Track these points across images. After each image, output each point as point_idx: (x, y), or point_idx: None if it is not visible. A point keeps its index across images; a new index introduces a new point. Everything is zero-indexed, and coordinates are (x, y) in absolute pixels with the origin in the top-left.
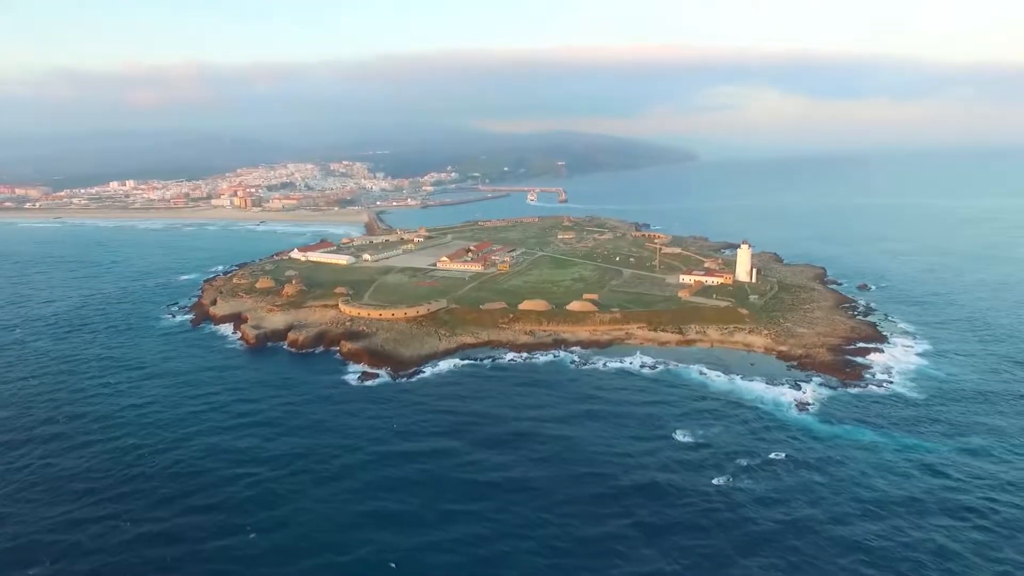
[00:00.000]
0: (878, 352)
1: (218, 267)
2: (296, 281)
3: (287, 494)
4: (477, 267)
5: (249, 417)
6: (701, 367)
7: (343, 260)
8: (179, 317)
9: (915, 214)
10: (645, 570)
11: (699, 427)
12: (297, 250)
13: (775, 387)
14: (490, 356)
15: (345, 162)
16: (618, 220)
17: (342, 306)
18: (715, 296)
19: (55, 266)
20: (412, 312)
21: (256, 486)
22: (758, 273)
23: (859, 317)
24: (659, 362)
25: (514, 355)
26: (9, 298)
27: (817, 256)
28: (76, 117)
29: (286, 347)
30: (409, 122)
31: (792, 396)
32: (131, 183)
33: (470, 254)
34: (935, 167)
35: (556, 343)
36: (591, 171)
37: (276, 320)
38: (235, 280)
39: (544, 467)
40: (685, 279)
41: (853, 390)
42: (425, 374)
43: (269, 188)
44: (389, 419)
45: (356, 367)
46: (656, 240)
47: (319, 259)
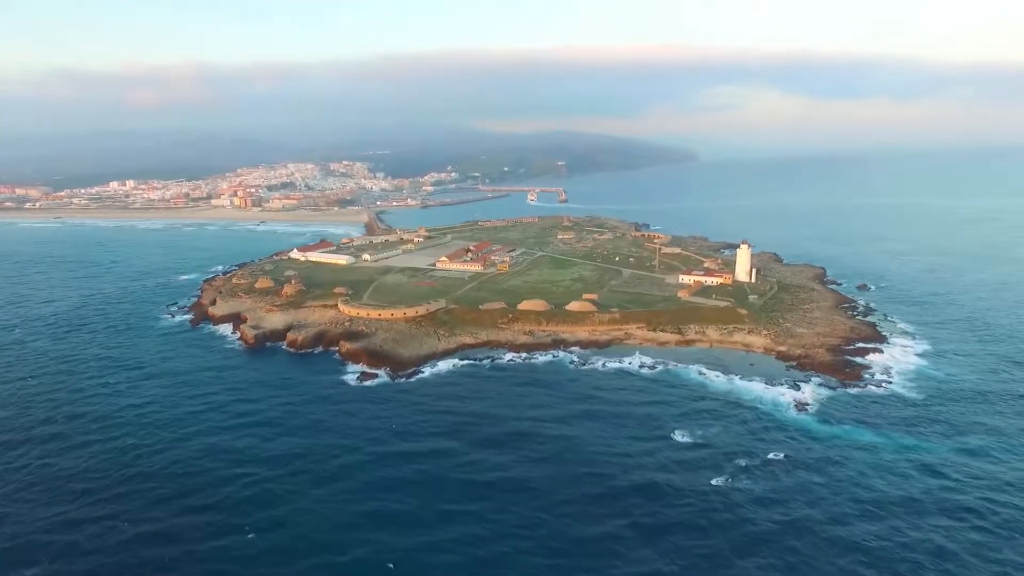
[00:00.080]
0: (877, 352)
1: (218, 267)
2: (295, 281)
3: (285, 494)
4: (476, 267)
5: (248, 417)
6: (700, 367)
7: (342, 260)
8: (178, 317)
9: (915, 214)
10: (643, 571)
11: (698, 427)
12: (297, 250)
13: (774, 387)
14: (489, 356)
15: (345, 162)
16: (618, 220)
17: (341, 306)
18: (714, 296)
19: (55, 266)
20: (411, 312)
21: (254, 486)
22: (757, 273)
23: (858, 317)
24: (658, 362)
25: (513, 355)
26: (9, 298)
27: (817, 256)
28: (76, 117)
29: (285, 347)
30: (409, 122)
31: (791, 396)
32: (131, 183)
33: (469, 254)
34: (935, 167)
35: (555, 343)
36: (591, 171)
37: (275, 320)
38: (234, 280)
39: (543, 467)
40: (684, 279)
41: (852, 390)
42: (424, 374)
43: (269, 188)
44: (388, 419)
45: (355, 367)
46: (656, 240)
47: (318, 259)
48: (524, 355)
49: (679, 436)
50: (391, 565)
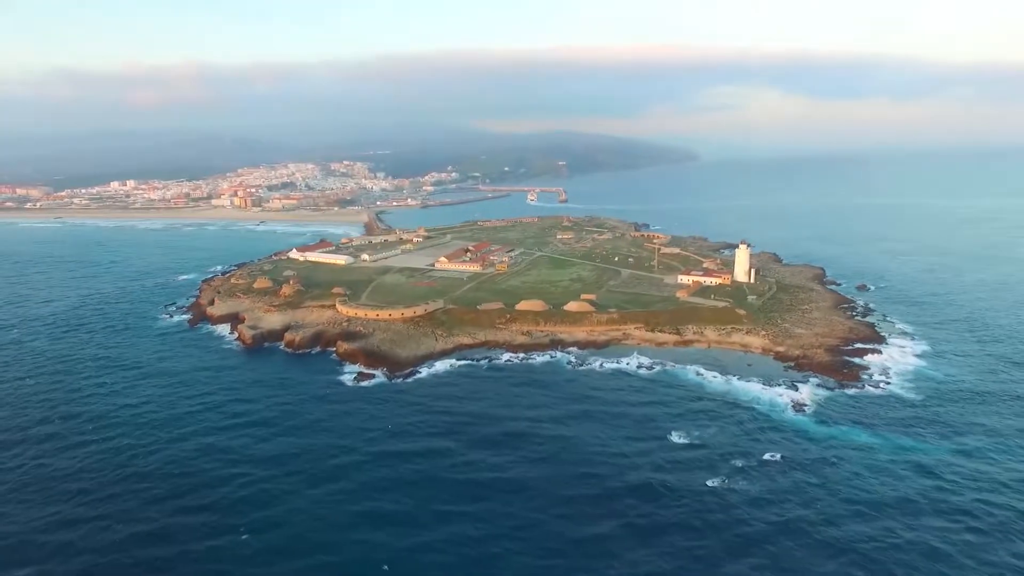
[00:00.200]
0: (876, 353)
1: (217, 267)
2: (294, 281)
3: (281, 494)
4: (475, 267)
5: (244, 417)
6: (698, 368)
7: (341, 260)
8: (176, 317)
9: (915, 214)
10: (637, 571)
11: (695, 428)
12: (296, 250)
13: (772, 388)
14: (487, 357)
15: (346, 162)
16: (617, 220)
17: (339, 306)
18: (713, 296)
19: (54, 266)
20: (409, 312)
21: (250, 486)
22: (757, 273)
23: (857, 318)
24: (656, 363)
25: (511, 355)
26: (8, 298)
27: (816, 256)
28: (76, 117)
29: (283, 347)
30: (409, 122)
31: (788, 397)
32: (132, 183)
33: (468, 254)
34: (935, 167)
35: (553, 343)
36: (591, 171)
37: (273, 320)
38: (233, 280)
39: (539, 467)
40: (683, 279)
41: (850, 391)
42: (421, 374)
43: (270, 188)
44: (384, 420)
45: (352, 367)
46: (655, 240)
47: (317, 259)
48: (522, 355)
49: (676, 437)
50: (386, 567)
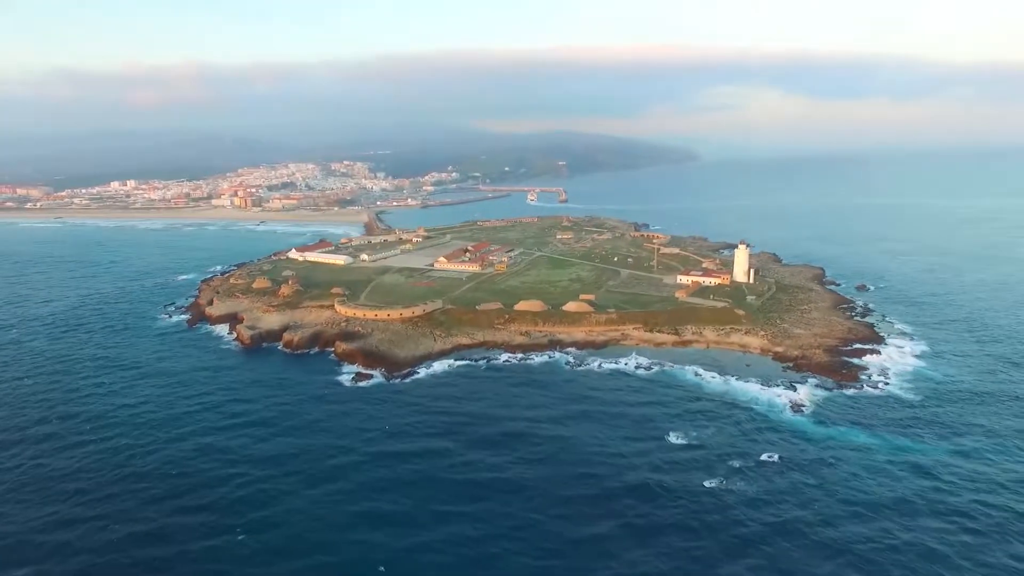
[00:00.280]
0: (875, 353)
1: (216, 267)
2: (293, 281)
3: (279, 495)
4: (474, 267)
5: (242, 417)
6: (696, 368)
7: (341, 260)
8: (175, 317)
9: (915, 214)
10: (635, 572)
11: (693, 428)
12: (295, 250)
13: (770, 388)
14: (485, 357)
15: (346, 162)
16: (617, 220)
17: (338, 306)
18: (712, 297)
19: (54, 266)
20: (408, 313)
21: (248, 486)
22: (756, 273)
23: (856, 318)
24: (654, 363)
25: (509, 356)
26: (7, 298)
27: (816, 256)
28: (76, 117)
29: (281, 347)
30: (409, 122)
31: (787, 397)
32: (132, 183)
33: (468, 254)
34: (935, 167)
35: (551, 344)
36: (591, 171)
37: (272, 320)
38: (232, 280)
39: (537, 468)
40: (682, 279)
41: (848, 391)
42: (419, 375)
43: (270, 188)
44: (382, 420)
45: (351, 368)
46: (654, 240)
47: (317, 259)
48: (520, 356)
49: (674, 437)
50: (382, 568)
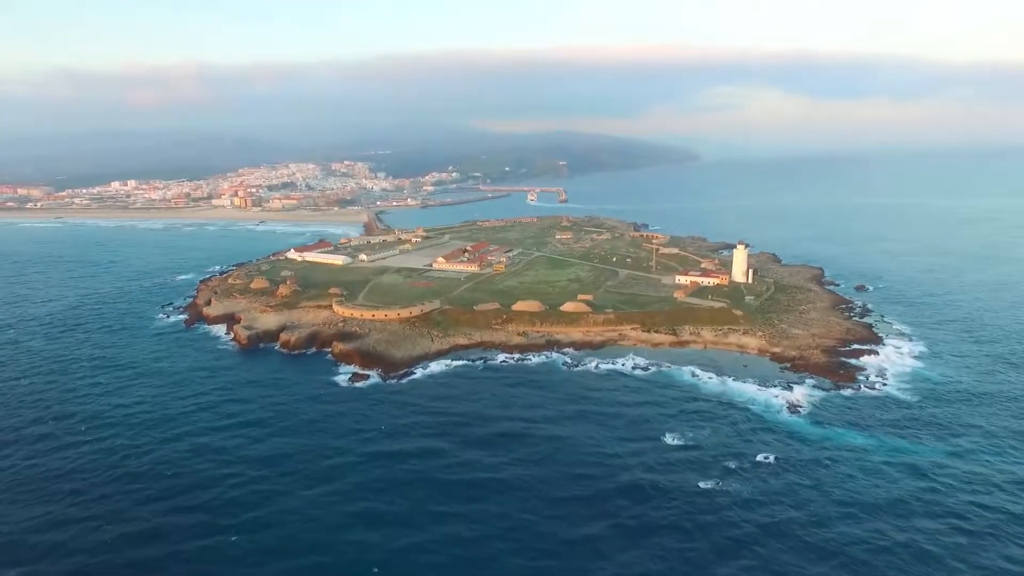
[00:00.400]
0: (873, 354)
1: (215, 267)
2: (291, 281)
3: (273, 495)
4: (473, 267)
5: (238, 418)
6: (694, 368)
7: (339, 260)
8: (173, 317)
9: (915, 214)
10: (628, 572)
11: (689, 429)
12: (294, 250)
13: (767, 389)
14: (482, 357)
15: (347, 162)
16: (617, 220)
17: (335, 307)
18: (711, 297)
19: (53, 266)
20: (405, 313)
21: (243, 487)
22: (755, 274)
23: (855, 318)
24: (652, 363)
25: (506, 356)
26: (5, 298)
27: (816, 256)
28: (77, 117)
29: (278, 348)
30: (410, 122)
31: (784, 398)
32: (132, 183)
33: (466, 254)
34: (935, 167)
35: (549, 344)
36: (592, 171)
37: (269, 321)
38: (230, 280)
39: (532, 468)
40: (681, 280)
41: (846, 392)
42: (416, 375)
43: (270, 188)
44: (378, 420)
45: (347, 368)
46: (654, 241)
47: (315, 259)
48: (517, 356)
49: (670, 438)
50: (376, 570)
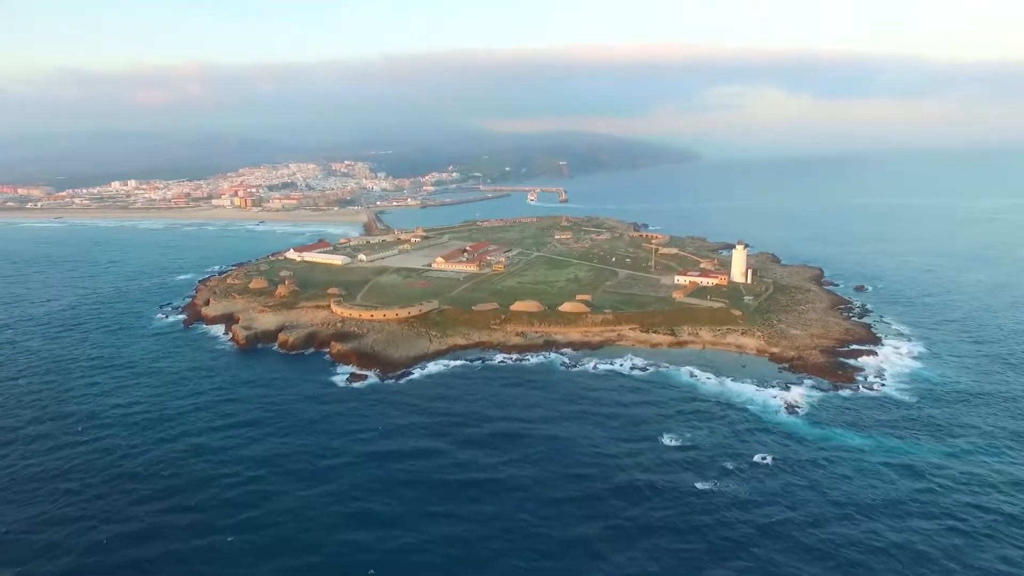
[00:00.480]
0: (871, 354)
1: (215, 267)
2: (289, 282)
3: (270, 495)
4: (472, 267)
5: (235, 418)
6: (692, 369)
7: (338, 260)
8: (172, 317)
9: (915, 214)
10: (624, 573)
11: (687, 429)
12: (293, 250)
13: (765, 389)
14: (480, 357)
15: (347, 162)
16: (616, 220)
17: (334, 307)
18: (710, 297)
19: (53, 266)
20: (403, 313)
21: (239, 487)
22: (754, 274)
23: (854, 319)
24: (650, 364)
25: (504, 356)
26: (4, 298)
27: (815, 257)
28: (79, 117)
29: (276, 348)
30: (411, 122)
31: (782, 399)
32: (133, 183)
33: (465, 254)
34: (937, 167)
35: (547, 344)
36: (593, 171)
37: (267, 321)
38: (229, 280)
39: (529, 468)
40: (680, 280)
41: (844, 392)
42: (414, 375)
43: (270, 188)
44: (376, 420)
45: (345, 368)
46: (653, 241)
47: (314, 259)
48: (516, 356)
49: (667, 439)
50: (372, 571)
